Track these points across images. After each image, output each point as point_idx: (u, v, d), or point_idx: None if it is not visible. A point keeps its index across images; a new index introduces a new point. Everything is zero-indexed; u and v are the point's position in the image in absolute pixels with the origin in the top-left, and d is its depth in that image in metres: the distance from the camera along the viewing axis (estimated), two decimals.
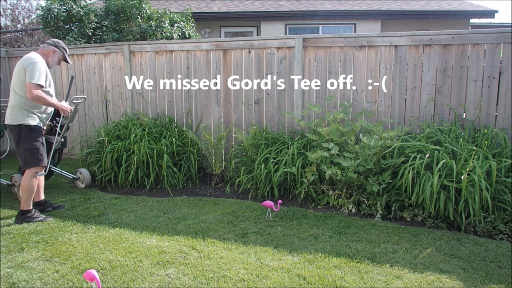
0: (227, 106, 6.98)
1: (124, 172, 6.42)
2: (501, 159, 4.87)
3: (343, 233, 4.64)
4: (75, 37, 8.94)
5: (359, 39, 5.98)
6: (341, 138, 5.44)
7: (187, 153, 6.74)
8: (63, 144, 6.19)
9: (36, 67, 4.94)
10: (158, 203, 5.76)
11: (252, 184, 6.03)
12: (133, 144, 6.46)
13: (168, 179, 6.40)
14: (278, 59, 6.50)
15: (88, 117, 8.31)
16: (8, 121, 5.07)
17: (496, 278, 3.63)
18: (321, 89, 6.29)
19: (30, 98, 4.94)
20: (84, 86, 8.25)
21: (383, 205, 5.08)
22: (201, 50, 7.02)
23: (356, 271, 3.76)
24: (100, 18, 9.30)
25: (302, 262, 3.94)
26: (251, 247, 4.30)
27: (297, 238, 4.51)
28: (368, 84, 6.01)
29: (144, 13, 9.15)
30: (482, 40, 5.40)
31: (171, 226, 4.90)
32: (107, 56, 7.91)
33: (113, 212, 5.41)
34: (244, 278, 3.65)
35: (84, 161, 7.17)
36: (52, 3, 9.12)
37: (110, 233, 4.69)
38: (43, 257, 4.09)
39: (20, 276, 3.74)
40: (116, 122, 7.28)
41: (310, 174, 5.41)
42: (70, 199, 6.01)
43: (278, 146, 6.05)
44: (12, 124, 5.05)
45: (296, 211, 5.34)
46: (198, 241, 4.44)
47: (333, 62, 6.19)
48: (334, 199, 5.43)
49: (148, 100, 7.61)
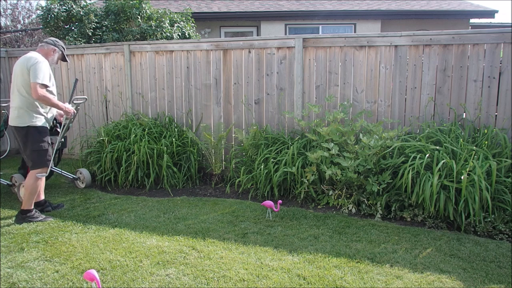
0: (227, 106, 6.97)
1: (124, 172, 6.42)
2: (501, 159, 4.87)
3: (343, 233, 4.64)
4: (75, 37, 8.94)
5: (359, 39, 5.98)
6: (341, 138, 5.44)
7: (187, 153, 6.74)
8: (63, 144, 6.19)
9: (40, 67, 4.94)
10: (158, 203, 5.76)
11: (252, 184, 6.03)
12: (133, 144, 6.46)
13: (168, 179, 6.40)
14: (278, 59, 6.50)
15: (88, 117, 8.30)
16: (14, 123, 5.03)
17: (496, 278, 3.63)
18: (321, 89, 6.29)
19: (35, 98, 4.92)
20: (84, 86, 8.25)
21: (383, 205, 5.08)
22: (201, 50, 7.02)
23: (356, 271, 3.76)
24: (100, 18, 9.30)
25: (302, 262, 3.94)
26: (251, 247, 4.30)
27: (297, 238, 4.51)
28: (368, 84, 6.01)
29: (144, 13, 9.15)
30: (482, 40, 5.40)
31: (171, 226, 4.89)
32: (107, 56, 7.91)
33: (113, 212, 5.41)
34: (244, 278, 3.65)
35: (84, 161, 7.17)
36: (52, 3, 9.12)
37: (110, 233, 4.69)
38: (43, 257, 4.09)
39: (20, 276, 3.74)
40: (116, 122, 7.28)
41: (310, 174, 5.41)
42: (70, 199, 6.01)
43: (278, 146, 6.05)
44: (19, 126, 5.01)
45: (296, 211, 5.34)
46: (198, 241, 4.44)
47: (333, 62, 6.19)
48: (334, 199, 5.43)
49: (148, 100, 7.60)
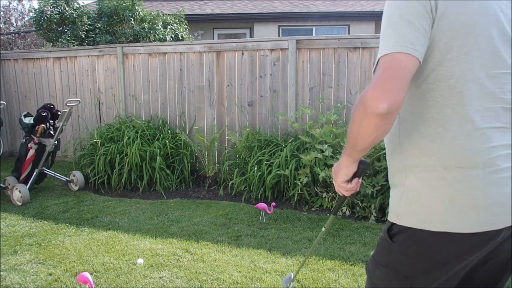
0: (220, 108, 6.97)
1: (117, 174, 6.40)
2: None
3: (337, 235, 4.65)
4: (68, 40, 8.92)
5: (353, 41, 6.00)
6: (334, 140, 5.44)
7: (180, 155, 6.72)
8: (57, 147, 6.18)
9: None
10: (151, 206, 5.75)
11: (246, 186, 6.02)
12: (126, 146, 6.44)
13: (161, 181, 6.39)
14: (271, 61, 6.50)
15: (81, 120, 8.27)
16: None
17: None
18: (314, 90, 6.30)
19: None
20: (78, 88, 8.22)
21: (377, 208, 5.09)
22: (194, 52, 7.01)
23: (350, 274, 3.77)
24: (93, 20, 9.28)
25: (296, 265, 3.94)
26: (244, 249, 4.29)
27: (290, 241, 4.51)
28: (362, 86, 6.02)
29: (137, 15, 9.14)
30: None
31: (164, 229, 4.88)
32: (100, 58, 7.88)
33: (107, 215, 5.39)
34: (237, 281, 3.65)
35: (78, 164, 7.14)
36: (45, 5, 9.09)
37: (104, 236, 4.68)
38: (37, 260, 4.07)
39: (13, 279, 3.72)
40: (109, 124, 7.26)
41: (304, 176, 5.41)
42: (63, 201, 5.98)
43: (271, 148, 6.05)
44: None
45: (290, 214, 5.35)
46: (191, 244, 4.43)
47: (327, 63, 6.20)
48: (328, 201, 5.44)
49: (141, 102, 7.59)
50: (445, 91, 1.48)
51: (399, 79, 1.37)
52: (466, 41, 1.45)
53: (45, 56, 8.45)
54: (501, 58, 1.51)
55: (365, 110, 1.39)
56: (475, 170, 1.46)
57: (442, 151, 1.49)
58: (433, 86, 1.49)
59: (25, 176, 6.22)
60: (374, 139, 1.46)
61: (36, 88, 8.71)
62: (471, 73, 1.46)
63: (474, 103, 1.47)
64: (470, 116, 1.47)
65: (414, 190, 1.55)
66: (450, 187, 1.48)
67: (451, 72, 1.46)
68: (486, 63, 1.48)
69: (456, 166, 1.47)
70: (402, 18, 1.42)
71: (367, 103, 1.37)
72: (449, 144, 1.48)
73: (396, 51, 1.38)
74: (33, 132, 6.01)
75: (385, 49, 1.41)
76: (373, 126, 1.41)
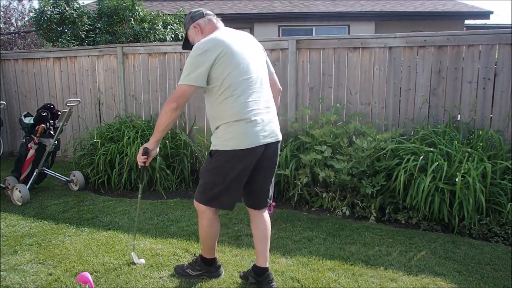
0: None
1: (117, 174, 6.38)
2: (496, 161, 4.85)
3: (337, 235, 4.64)
4: (68, 40, 8.91)
5: (353, 41, 5.98)
6: (334, 140, 5.43)
7: (180, 155, 6.71)
8: (57, 147, 6.17)
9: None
10: (151, 206, 5.74)
11: None
12: (126, 146, 6.43)
13: (161, 181, 6.38)
14: (271, 61, 6.47)
15: (81, 120, 8.26)
16: (280, 135, 3.43)
17: (491, 281, 3.63)
18: (314, 90, 6.28)
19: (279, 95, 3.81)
20: (78, 88, 8.20)
21: (377, 208, 5.07)
22: None
23: (350, 274, 3.75)
24: (93, 20, 9.28)
25: (296, 265, 3.93)
26: (244, 249, 4.28)
27: (290, 241, 4.50)
28: (362, 86, 6.01)
29: (137, 15, 9.14)
30: (477, 42, 5.40)
31: (164, 229, 4.87)
32: (100, 58, 7.87)
33: (107, 215, 5.38)
34: (237, 281, 3.64)
35: (78, 164, 7.12)
36: (45, 5, 9.09)
37: (104, 236, 4.67)
38: (37, 260, 4.06)
39: (13, 279, 3.71)
40: (109, 124, 7.25)
41: (304, 176, 5.40)
42: (63, 201, 5.97)
43: None
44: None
45: (290, 214, 5.33)
46: (191, 244, 4.42)
47: (327, 63, 6.18)
48: (328, 201, 5.42)
49: (141, 102, 7.57)
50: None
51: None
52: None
53: (45, 56, 8.44)
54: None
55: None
56: (243, 121, 3.07)
57: (229, 113, 3.08)
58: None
59: (25, 176, 6.21)
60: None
61: (36, 88, 8.69)
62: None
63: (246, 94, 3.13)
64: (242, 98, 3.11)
65: (220, 132, 3.16)
66: (234, 129, 3.08)
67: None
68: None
69: (235, 120, 3.07)
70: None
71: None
72: (233, 110, 3.08)
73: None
74: (33, 132, 6.00)
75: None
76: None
